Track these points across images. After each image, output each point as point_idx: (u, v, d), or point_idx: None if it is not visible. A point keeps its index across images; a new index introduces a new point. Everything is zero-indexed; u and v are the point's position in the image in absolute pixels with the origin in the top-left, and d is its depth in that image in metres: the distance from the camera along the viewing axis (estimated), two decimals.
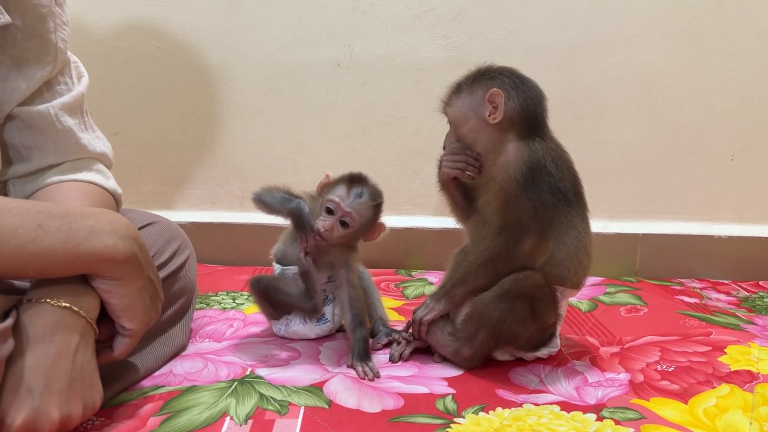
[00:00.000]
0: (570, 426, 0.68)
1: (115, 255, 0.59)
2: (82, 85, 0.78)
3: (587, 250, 0.83)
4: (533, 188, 0.78)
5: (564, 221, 0.80)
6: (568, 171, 0.82)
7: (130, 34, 1.28)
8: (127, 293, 0.61)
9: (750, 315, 1.06)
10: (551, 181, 0.79)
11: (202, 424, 0.67)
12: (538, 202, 0.78)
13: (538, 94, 0.83)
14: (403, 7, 1.27)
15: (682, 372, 0.83)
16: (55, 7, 0.72)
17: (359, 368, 0.81)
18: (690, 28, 1.26)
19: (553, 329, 0.84)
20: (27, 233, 0.55)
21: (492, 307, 0.79)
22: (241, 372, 0.80)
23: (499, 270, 0.80)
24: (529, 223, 0.79)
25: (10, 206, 0.56)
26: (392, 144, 1.31)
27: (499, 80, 0.81)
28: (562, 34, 1.27)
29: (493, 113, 0.80)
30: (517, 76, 0.82)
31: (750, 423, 0.70)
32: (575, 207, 0.81)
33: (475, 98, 0.82)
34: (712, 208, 1.32)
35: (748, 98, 1.28)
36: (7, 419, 0.53)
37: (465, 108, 0.83)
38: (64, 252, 0.57)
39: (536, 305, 0.79)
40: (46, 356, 0.56)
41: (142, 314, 0.63)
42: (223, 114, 1.32)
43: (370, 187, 0.85)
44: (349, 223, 0.83)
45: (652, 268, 1.29)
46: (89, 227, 0.59)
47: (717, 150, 1.30)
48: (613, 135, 1.30)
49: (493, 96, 0.80)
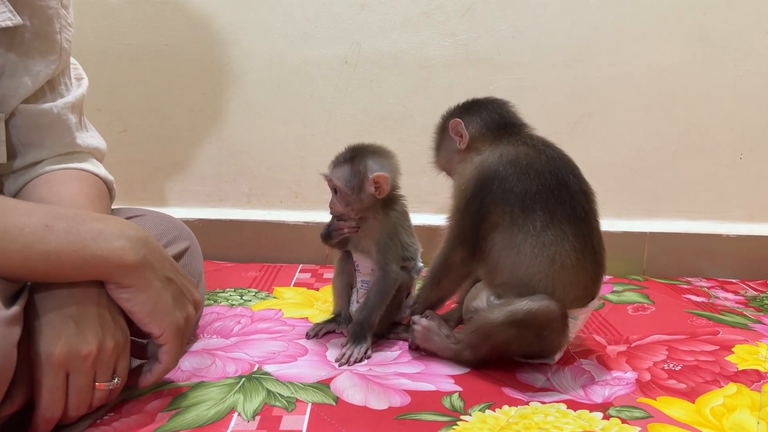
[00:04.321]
0: (577, 424, 0.68)
1: (123, 258, 0.59)
2: (83, 87, 0.81)
3: (564, 262, 0.76)
4: (479, 200, 0.80)
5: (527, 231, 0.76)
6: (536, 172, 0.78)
7: (139, 32, 1.29)
8: (147, 298, 0.60)
9: (758, 314, 1.06)
10: (504, 186, 0.78)
11: (209, 420, 0.67)
12: (479, 213, 0.79)
13: (492, 106, 0.88)
14: (411, 5, 1.27)
15: (690, 371, 0.83)
16: (61, 9, 0.74)
17: (341, 351, 0.84)
18: (699, 26, 1.26)
19: (559, 348, 0.82)
20: (33, 233, 0.55)
21: (500, 330, 0.77)
22: (249, 368, 0.80)
23: (443, 283, 0.87)
24: (464, 234, 0.82)
25: (17, 206, 0.56)
26: (400, 141, 1.31)
27: (454, 113, 0.89)
28: (571, 32, 1.27)
29: (461, 141, 0.87)
30: (469, 102, 0.90)
31: (758, 422, 0.70)
32: (539, 212, 0.76)
33: (446, 140, 0.90)
34: (721, 207, 1.31)
35: (758, 96, 1.28)
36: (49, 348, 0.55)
37: (446, 153, 0.91)
38: (71, 253, 0.56)
39: (544, 333, 0.78)
40: (72, 296, 0.57)
41: (168, 316, 0.62)
42: (231, 111, 1.32)
43: (349, 149, 0.87)
44: (337, 190, 0.86)
45: (660, 266, 1.29)
46: (97, 230, 0.58)
47: (726, 148, 1.30)
48: (621, 133, 1.30)
49: (454, 126, 0.87)
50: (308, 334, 0.92)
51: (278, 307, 1.05)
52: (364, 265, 0.92)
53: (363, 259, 0.91)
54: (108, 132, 1.32)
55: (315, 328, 0.93)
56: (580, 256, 0.77)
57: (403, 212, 0.91)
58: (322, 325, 0.93)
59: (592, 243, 0.78)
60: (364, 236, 0.89)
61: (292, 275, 1.23)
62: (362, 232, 0.89)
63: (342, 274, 0.94)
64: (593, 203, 0.80)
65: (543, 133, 0.87)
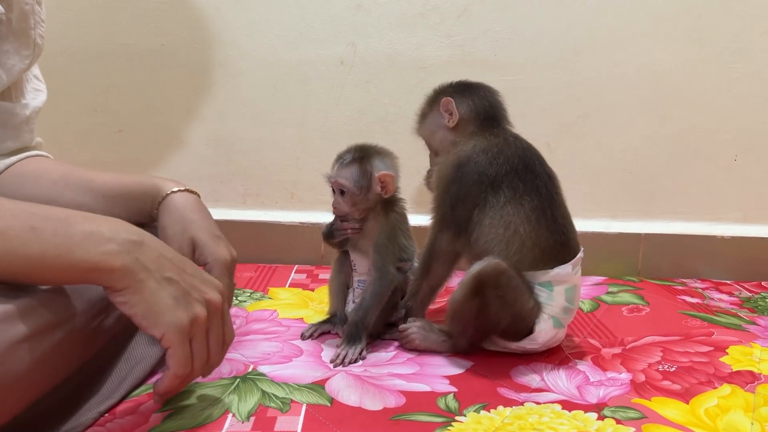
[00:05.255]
0: (571, 425, 0.68)
1: (110, 263, 0.55)
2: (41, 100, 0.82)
3: (517, 227, 0.82)
4: (458, 183, 0.85)
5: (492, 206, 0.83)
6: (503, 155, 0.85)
7: (135, 31, 1.28)
8: (140, 300, 0.57)
9: (752, 315, 1.06)
10: (478, 169, 0.84)
11: (204, 421, 0.67)
12: (458, 195, 0.85)
13: (485, 92, 0.92)
14: (407, 6, 1.27)
15: (684, 372, 0.83)
16: (36, 5, 0.75)
17: (335, 351, 0.84)
18: (694, 27, 1.26)
19: (534, 316, 0.83)
20: (18, 236, 0.52)
21: (465, 305, 0.82)
22: (244, 369, 0.80)
23: (432, 269, 0.89)
24: (446, 217, 0.87)
25: (4, 206, 0.54)
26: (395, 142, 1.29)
27: (447, 92, 0.93)
28: (567, 33, 1.27)
29: (450, 119, 0.90)
30: (462, 84, 0.94)
31: (751, 423, 0.70)
32: (505, 187, 0.83)
33: (434, 113, 0.93)
34: (716, 208, 1.32)
35: (753, 98, 1.28)
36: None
37: (431, 125, 0.94)
38: (55, 257, 0.53)
39: (502, 293, 0.80)
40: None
41: (166, 318, 0.58)
42: (227, 111, 1.32)
43: (354, 149, 0.88)
44: (343, 190, 0.86)
45: (655, 267, 1.29)
46: (87, 232, 0.55)
47: (721, 150, 1.30)
48: (616, 134, 1.30)
49: (446, 104, 0.91)
50: (303, 335, 0.92)
51: (273, 307, 1.04)
52: (361, 264, 0.92)
53: (360, 258, 0.92)
54: (103, 132, 1.33)
55: (310, 328, 0.93)
56: (534, 225, 0.83)
57: (402, 214, 0.91)
58: (317, 325, 0.93)
59: (552, 214, 0.84)
60: (363, 236, 0.90)
61: (288, 276, 1.23)
62: (362, 233, 0.89)
63: (339, 274, 0.94)
64: (557, 185, 0.87)
65: (538, 134, 0.90)
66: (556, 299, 0.84)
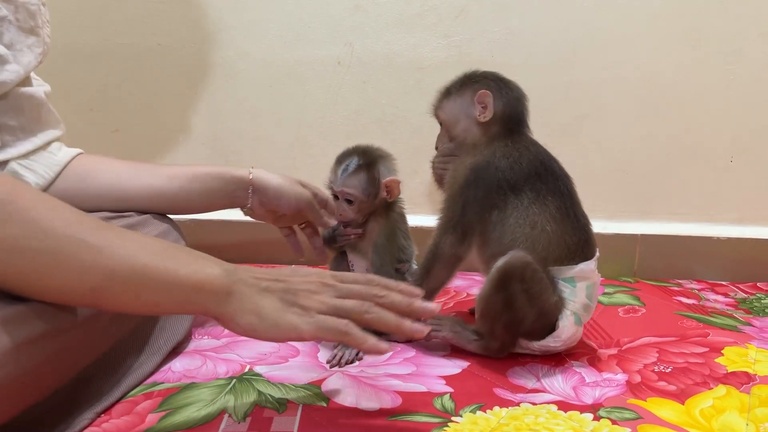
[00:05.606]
0: (567, 425, 0.68)
1: (214, 284, 0.59)
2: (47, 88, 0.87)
3: (543, 226, 0.82)
4: (474, 187, 0.83)
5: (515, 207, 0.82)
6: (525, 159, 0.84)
7: (132, 31, 1.28)
8: (257, 320, 0.60)
9: (747, 316, 1.07)
10: (498, 174, 0.83)
11: (200, 421, 0.67)
12: (473, 199, 0.83)
13: (520, 94, 0.89)
14: (405, 6, 1.27)
15: (679, 373, 0.83)
16: (41, 5, 0.81)
17: (332, 352, 0.83)
18: (691, 29, 1.27)
19: (558, 313, 0.83)
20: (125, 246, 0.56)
21: (492, 300, 0.81)
22: (240, 369, 0.80)
23: (432, 271, 0.87)
24: (454, 220, 0.84)
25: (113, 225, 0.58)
26: (392, 143, 1.30)
27: (485, 82, 0.88)
28: (564, 34, 1.27)
29: (482, 112, 0.86)
30: (500, 79, 0.89)
31: (746, 424, 0.70)
32: (528, 189, 0.83)
33: (465, 100, 0.88)
34: (712, 210, 1.32)
35: (749, 99, 1.28)
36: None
37: (456, 110, 0.89)
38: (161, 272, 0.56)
39: (528, 286, 0.80)
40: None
41: (283, 320, 0.60)
42: (224, 111, 1.32)
43: (358, 154, 0.86)
44: (351, 199, 0.84)
45: (651, 268, 1.29)
46: (191, 256, 0.61)
47: (717, 151, 1.31)
48: (613, 135, 1.30)
49: (483, 96, 0.86)
50: None
51: None
52: (359, 265, 0.92)
53: (359, 259, 0.91)
54: (100, 131, 1.33)
55: None
56: (560, 224, 0.83)
57: (401, 214, 0.91)
58: None
59: (574, 213, 0.84)
60: (363, 238, 0.89)
61: None
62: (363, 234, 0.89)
63: None
64: (574, 186, 0.87)
65: (536, 135, 0.90)
66: (579, 295, 0.83)
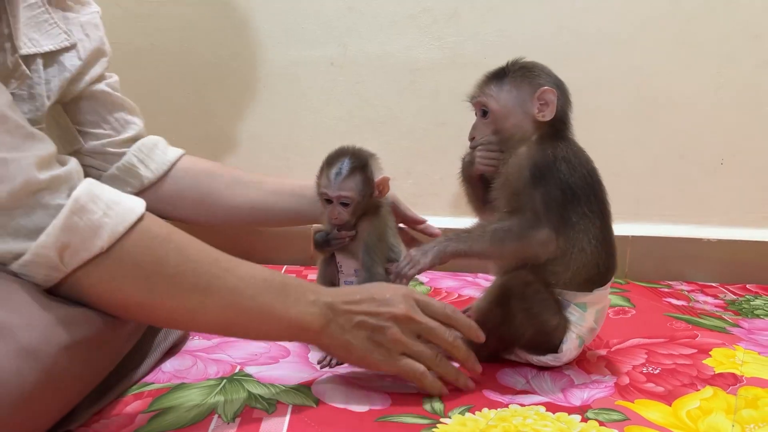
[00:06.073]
0: (555, 427, 0.69)
1: (314, 325, 0.69)
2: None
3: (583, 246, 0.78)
4: (542, 183, 0.77)
5: (569, 218, 0.77)
6: (581, 168, 0.79)
7: (125, 31, 1.28)
8: (346, 354, 0.73)
9: (736, 318, 1.07)
10: (560, 177, 0.77)
11: (190, 422, 0.67)
12: (547, 195, 0.77)
13: (569, 97, 0.85)
14: (398, 8, 1.28)
15: (667, 374, 0.84)
16: (99, 19, 0.92)
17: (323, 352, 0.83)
18: (682, 31, 1.27)
19: (561, 335, 0.81)
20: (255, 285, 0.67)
21: (491, 314, 0.80)
22: (230, 370, 0.81)
23: (505, 243, 0.78)
24: (543, 214, 0.76)
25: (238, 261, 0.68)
26: (386, 143, 1.31)
27: (545, 78, 0.82)
28: (556, 37, 1.28)
29: (542, 110, 0.80)
30: (557, 76, 0.84)
31: (732, 425, 0.71)
32: (583, 203, 0.78)
33: (522, 93, 0.81)
34: (702, 212, 1.33)
35: (740, 102, 1.29)
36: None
37: (511, 102, 0.81)
38: (275, 311, 0.67)
39: (528, 305, 0.79)
40: None
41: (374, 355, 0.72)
42: (216, 112, 1.32)
43: (347, 156, 0.85)
44: (348, 202, 0.84)
45: (642, 270, 1.30)
46: (300, 294, 0.69)
47: (707, 153, 1.31)
48: (604, 137, 1.31)
49: (547, 94, 0.79)
50: None
51: None
52: (347, 266, 0.92)
53: (346, 260, 0.91)
54: None
55: None
56: (598, 246, 0.79)
57: (388, 212, 0.91)
58: None
59: (611, 238, 0.82)
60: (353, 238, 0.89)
61: None
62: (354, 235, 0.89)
63: (324, 277, 0.93)
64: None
65: None
66: (588, 320, 0.82)
